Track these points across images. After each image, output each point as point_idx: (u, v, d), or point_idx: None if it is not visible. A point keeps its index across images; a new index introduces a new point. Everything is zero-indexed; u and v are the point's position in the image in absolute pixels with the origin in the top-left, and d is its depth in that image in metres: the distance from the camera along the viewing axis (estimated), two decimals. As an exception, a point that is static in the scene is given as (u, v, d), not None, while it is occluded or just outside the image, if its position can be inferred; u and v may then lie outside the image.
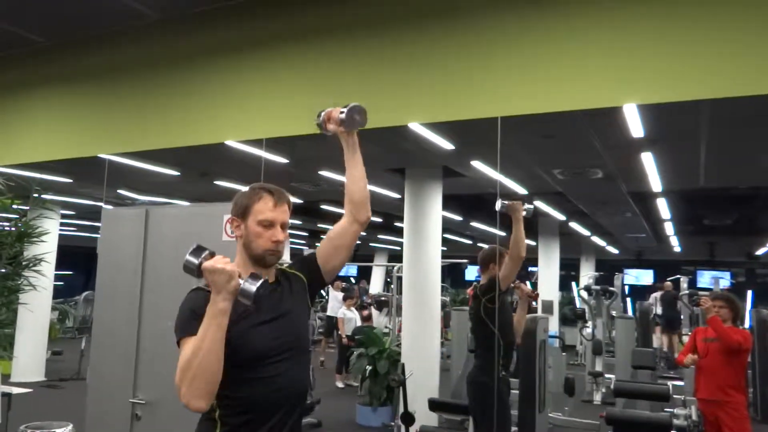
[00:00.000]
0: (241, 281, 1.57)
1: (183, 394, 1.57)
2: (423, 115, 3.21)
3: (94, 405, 3.56)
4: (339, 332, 9.78)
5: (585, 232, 12.83)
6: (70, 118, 4.21)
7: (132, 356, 3.42)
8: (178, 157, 6.63)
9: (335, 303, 11.75)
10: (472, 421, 4.09)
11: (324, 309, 13.29)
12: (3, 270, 4.60)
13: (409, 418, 6.19)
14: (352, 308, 9.95)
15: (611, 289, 9.86)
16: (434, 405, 5.84)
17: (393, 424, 6.19)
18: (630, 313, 13.63)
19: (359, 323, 9.87)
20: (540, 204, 9.59)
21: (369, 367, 7.09)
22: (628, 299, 16.22)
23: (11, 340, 9.15)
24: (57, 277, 10.89)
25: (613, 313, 9.94)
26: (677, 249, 15.78)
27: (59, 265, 10.11)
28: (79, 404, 3.88)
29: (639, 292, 16.95)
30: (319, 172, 7.43)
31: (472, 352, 4.09)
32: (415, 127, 4.90)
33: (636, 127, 4.70)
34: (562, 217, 10.84)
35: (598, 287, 9.73)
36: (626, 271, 17.35)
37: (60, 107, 4.28)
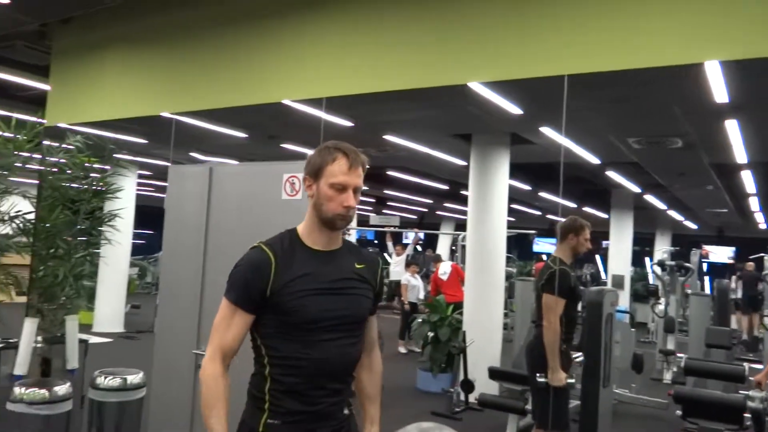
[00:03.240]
0: None
1: (202, 372, 1.71)
2: (484, 74, 3.09)
3: (160, 355, 3.71)
4: (402, 298, 9.83)
5: (661, 206, 12.28)
6: (137, 77, 4.33)
7: (196, 309, 3.53)
8: (246, 119, 6.75)
9: (397, 267, 11.85)
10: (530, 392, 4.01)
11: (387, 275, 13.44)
12: (82, 226, 4.81)
13: (468, 386, 6.19)
14: (416, 275, 9.95)
15: (687, 265, 9.40)
16: (494, 373, 5.79)
17: (452, 390, 6.19)
18: (708, 291, 13.03)
19: (422, 290, 9.87)
20: (613, 175, 9.21)
21: (431, 334, 7.10)
22: (707, 278, 15.51)
23: (92, 292, 9.76)
24: (138, 236, 11.43)
25: (688, 290, 9.50)
26: (763, 226, 14.89)
27: (141, 225, 10.59)
28: (152, 354, 4.06)
29: (719, 270, 16.17)
30: (384, 137, 7.38)
31: (535, 323, 4.00)
32: (482, 90, 4.76)
33: (720, 91, 4.38)
34: (636, 190, 10.40)
35: (672, 263, 9.29)
36: (705, 247, 16.54)
37: (129, 67, 4.40)
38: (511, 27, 2.83)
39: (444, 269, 9.06)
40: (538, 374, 3.58)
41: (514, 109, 5.45)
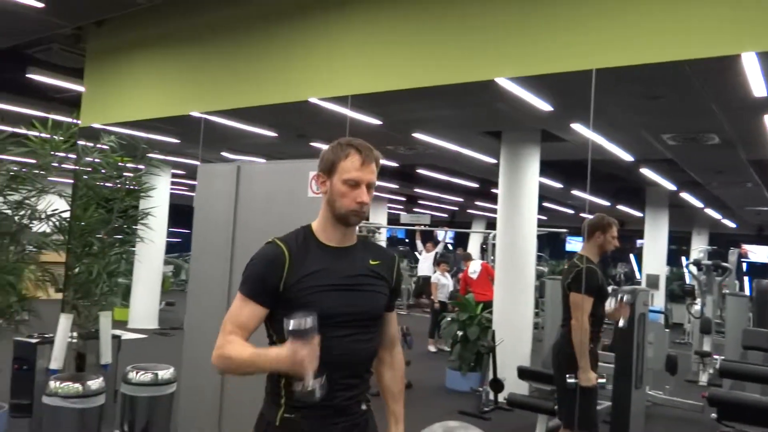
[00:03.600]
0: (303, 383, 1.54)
1: (214, 356, 1.66)
2: (511, 69, 3.06)
3: (190, 351, 3.77)
4: (432, 297, 9.81)
5: (698, 204, 11.99)
6: (167, 78, 4.42)
7: (224, 306, 3.57)
8: (275, 118, 6.81)
9: (425, 264, 11.86)
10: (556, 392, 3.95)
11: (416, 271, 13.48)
12: (116, 225, 4.91)
13: (497, 385, 6.13)
14: (446, 273, 9.91)
15: (724, 264, 9.16)
16: (523, 373, 5.73)
17: (481, 389, 6.14)
18: (748, 292, 12.67)
19: (452, 289, 9.82)
20: (648, 172, 9.02)
21: (459, 333, 7.06)
22: (746, 278, 15.11)
23: (127, 289, 9.97)
24: (173, 234, 11.61)
25: (726, 290, 9.26)
26: (806, 225, 14.45)
27: (176, 223, 10.75)
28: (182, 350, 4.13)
29: (759, 270, 15.73)
30: (414, 135, 7.36)
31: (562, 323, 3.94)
32: (511, 86, 4.71)
33: (758, 85, 4.25)
34: (672, 187, 10.17)
35: (709, 262, 9.06)
36: (744, 246, 16.10)
37: (159, 68, 4.49)
38: (537, 21, 2.79)
39: (474, 268, 9.01)
40: (567, 375, 3.53)
41: (544, 106, 5.38)
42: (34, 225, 4.75)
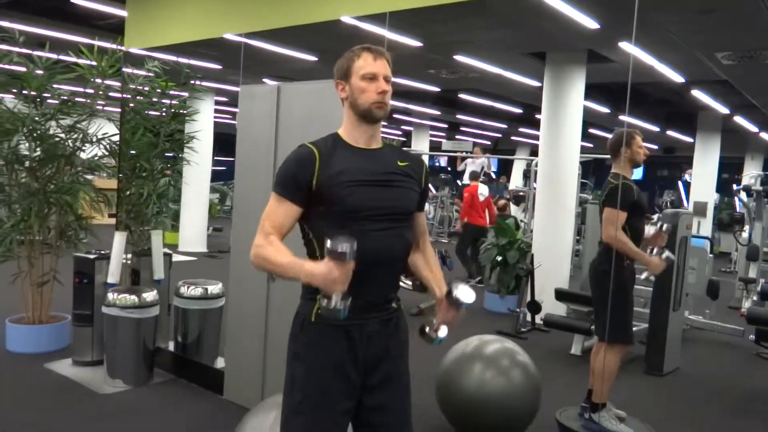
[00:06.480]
0: (327, 301, 1.59)
1: (252, 253, 1.76)
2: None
3: (236, 269, 3.92)
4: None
5: (752, 128, 11.50)
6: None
7: (267, 225, 3.69)
8: (315, 42, 6.76)
9: (471, 169, 11.90)
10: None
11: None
12: (163, 148, 5.05)
13: (535, 307, 6.24)
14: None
15: (776, 190, 8.85)
16: (560, 295, 5.82)
17: (518, 310, 6.26)
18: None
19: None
20: (700, 95, 8.67)
21: (499, 258, 7.14)
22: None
23: (176, 214, 10.31)
24: (218, 163, 11.82)
25: (776, 217, 8.99)
26: None
27: (220, 152, 10.89)
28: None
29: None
30: (455, 57, 7.22)
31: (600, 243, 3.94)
32: (555, 2, 4.55)
33: (821, -4, 4.00)
34: (725, 111, 9.77)
35: (760, 188, 8.78)
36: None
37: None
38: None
39: (483, 191, 9.11)
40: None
41: (591, 23, 5.18)
42: (87, 148, 4.95)
